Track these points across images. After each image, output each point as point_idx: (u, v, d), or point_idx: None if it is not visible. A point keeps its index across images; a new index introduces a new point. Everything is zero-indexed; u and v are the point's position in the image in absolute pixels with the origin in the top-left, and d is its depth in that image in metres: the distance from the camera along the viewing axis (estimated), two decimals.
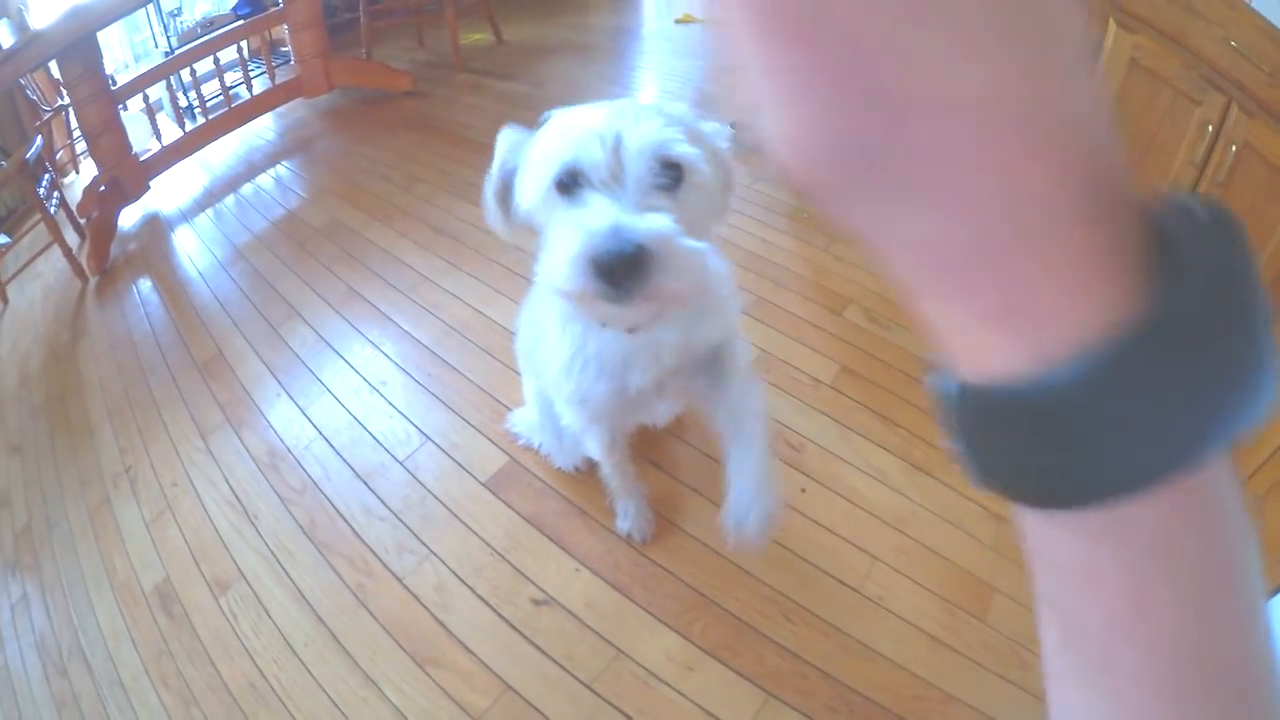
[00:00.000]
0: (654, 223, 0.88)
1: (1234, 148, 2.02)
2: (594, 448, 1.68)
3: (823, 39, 0.20)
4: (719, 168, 1.06)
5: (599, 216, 0.89)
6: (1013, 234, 0.21)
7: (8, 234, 4.22)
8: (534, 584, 1.87)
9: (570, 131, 0.98)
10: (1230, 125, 2.03)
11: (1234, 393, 0.21)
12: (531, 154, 1.06)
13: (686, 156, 0.95)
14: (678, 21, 5.90)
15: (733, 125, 1.09)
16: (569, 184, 0.96)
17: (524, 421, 2.18)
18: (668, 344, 1.27)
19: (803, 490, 2.06)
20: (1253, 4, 1.93)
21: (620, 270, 0.86)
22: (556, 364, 1.35)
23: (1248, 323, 0.21)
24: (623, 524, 1.93)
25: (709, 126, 1.08)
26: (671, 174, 0.96)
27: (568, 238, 0.90)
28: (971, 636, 1.76)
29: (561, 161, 0.96)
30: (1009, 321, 0.22)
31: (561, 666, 1.71)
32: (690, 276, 0.90)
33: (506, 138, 1.15)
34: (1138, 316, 0.20)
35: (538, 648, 1.75)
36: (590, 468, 1.98)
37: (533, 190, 1.03)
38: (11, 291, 3.62)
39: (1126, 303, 0.21)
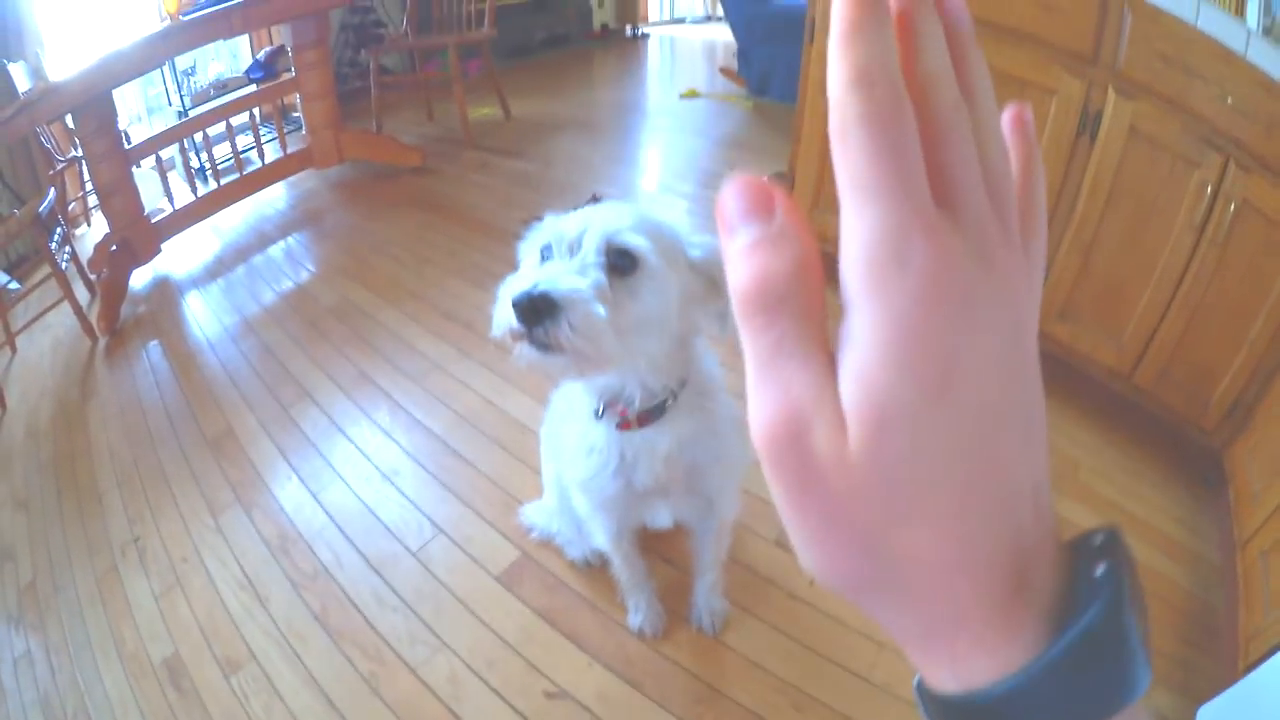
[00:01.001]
0: (569, 282, 1.01)
1: (1232, 206, 2.06)
2: (601, 537, 1.74)
3: (823, 520, 0.29)
4: (681, 271, 1.17)
5: (535, 272, 1.05)
6: (951, 622, 0.30)
7: (19, 280, 4.26)
8: (546, 677, 1.90)
9: (562, 218, 1.15)
10: (1228, 183, 2.06)
11: (1109, 694, 0.29)
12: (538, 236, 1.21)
13: (635, 246, 1.09)
14: (682, 96, 6.00)
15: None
16: (546, 256, 1.13)
17: (539, 513, 2.22)
18: (662, 448, 1.39)
19: (811, 583, 2.09)
20: (1248, 56, 1.98)
21: (529, 313, 0.99)
22: (571, 447, 1.50)
23: (1125, 648, 0.29)
24: (634, 619, 1.97)
25: (698, 238, 1.21)
26: (625, 260, 1.09)
27: (504, 292, 1.05)
28: None
29: (545, 237, 1.14)
30: (949, 665, 0.31)
31: None
32: (590, 333, 1.02)
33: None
34: (1031, 658, 0.29)
35: None
36: (602, 562, 2.02)
37: (525, 265, 1.19)
38: (21, 342, 3.64)
39: (1028, 648, 0.29)
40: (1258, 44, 1.97)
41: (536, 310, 0.99)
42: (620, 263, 1.09)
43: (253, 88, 5.31)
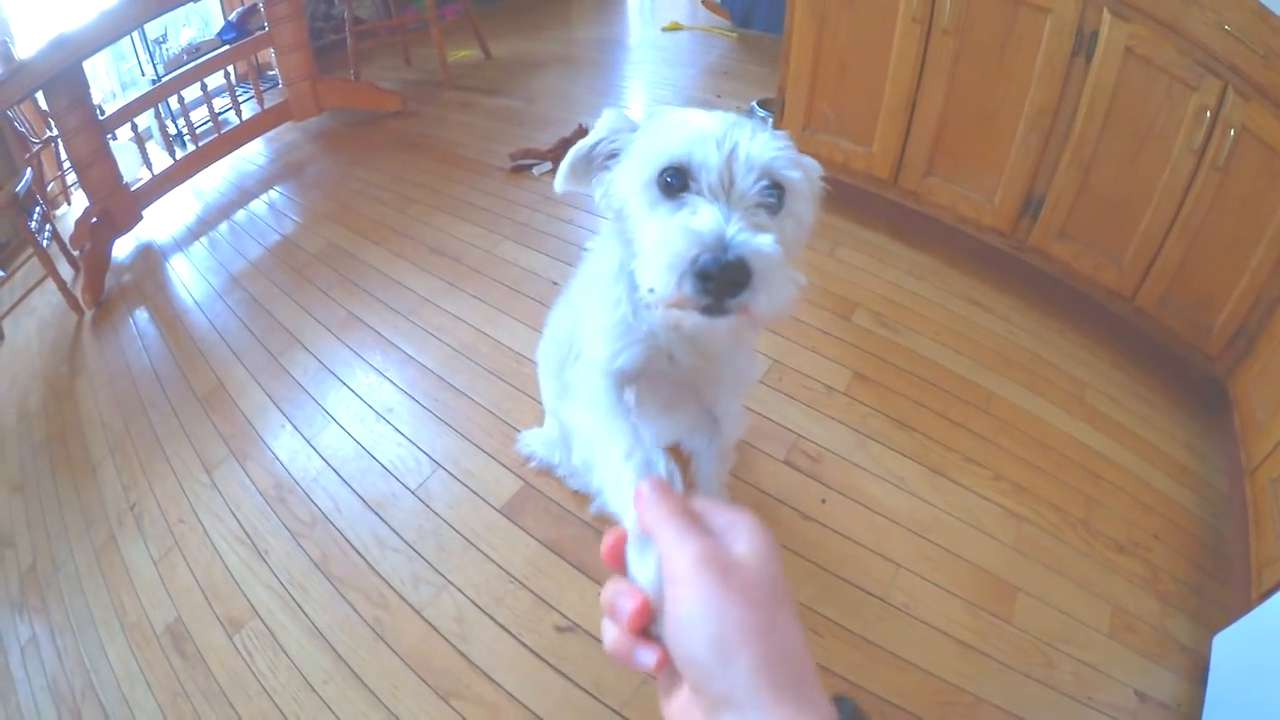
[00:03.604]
0: (762, 240, 0.83)
1: (1232, 132, 2.03)
2: (595, 398, 1.26)
3: None
4: (812, 200, 1.04)
5: (707, 222, 0.85)
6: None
7: (1, 268, 4.19)
8: (556, 610, 1.84)
9: (686, 128, 0.94)
10: (1227, 109, 2.03)
11: None
12: (639, 142, 1.02)
13: (794, 180, 0.94)
14: (664, 29, 5.91)
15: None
16: (674, 183, 0.92)
17: (538, 440, 2.15)
18: (718, 333, 1.20)
19: (823, 501, 2.05)
20: None
21: (722, 281, 0.81)
22: (599, 328, 1.27)
23: None
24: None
25: (806, 159, 1.04)
26: (776, 194, 0.93)
27: (671, 239, 0.85)
28: (997, 638, 1.76)
29: (673, 155, 0.92)
30: None
31: (589, 694, 1.68)
32: (783, 301, 0.86)
33: (610, 117, 1.08)
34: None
35: (564, 675, 1.71)
36: None
37: (634, 179, 0.98)
38: (7, 326, 3.58)
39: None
40: None
41: (737, 282, 0.82)
42: (769, 198, 0.92)
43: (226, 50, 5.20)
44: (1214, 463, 2.27)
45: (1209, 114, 2.06)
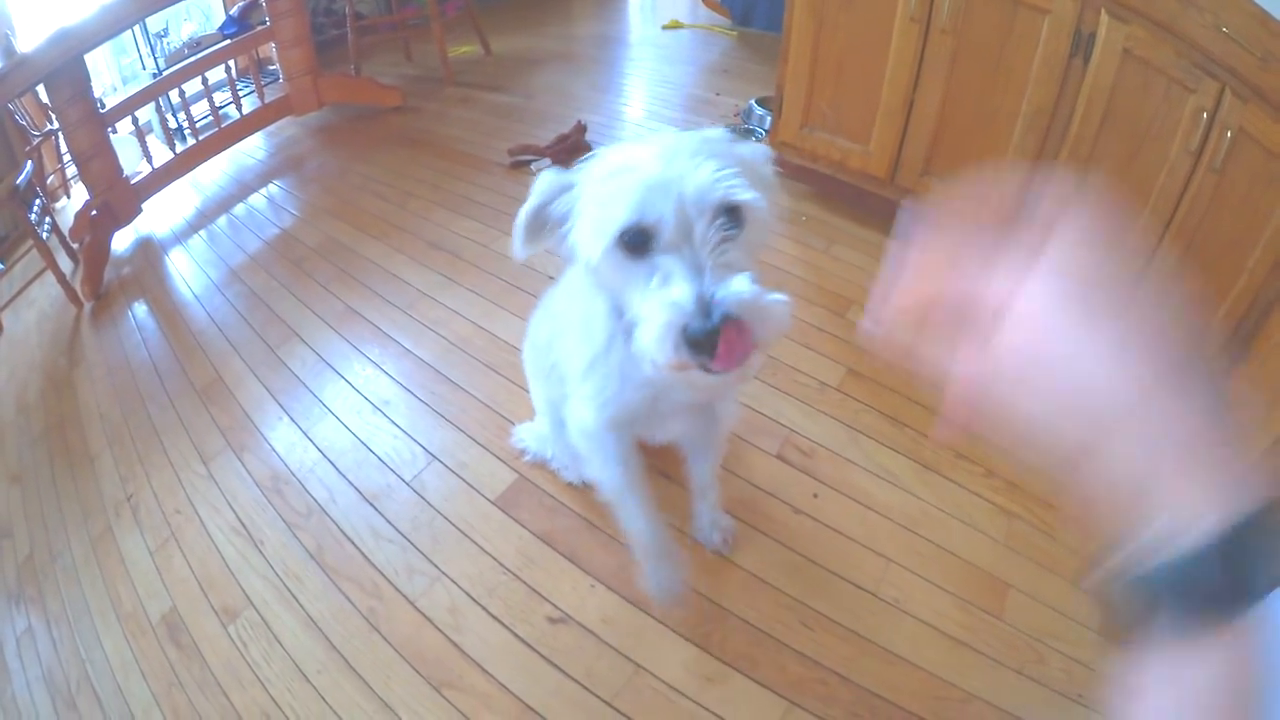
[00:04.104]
0: (739, 288, 0.86)
1: (1229, 133, 2.03)
2: (599, 462, 1.50)
3: None
4: (767, 194, 1.02)
5: (682, 289, 0.87)
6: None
7: (1, 260, 4.19)
8: (549, 602, 1.85)
9: (627, 188, 0.93)
10: (1224, 111, 2.03)
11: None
12: (584, 200, 1.03)
13: (748, 202, 0.94)
14: (664, 27, 5.91)
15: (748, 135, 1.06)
16: (635, 243, 0.94)
17: (531, 435, 2.16)
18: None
19: (814, 495, 2.06)
20: None
21: (714, 342, 0.84)
22: (579, 364, 1.34)
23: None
24: (652, 584, 1.69)
25: (748, 149, 1.05)
26: (734, 218, 0.94)
27: (656, 315, 0.88)
28: (988, 634, 1.76)
29: (624, 222, 0.93)
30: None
31: (581, 684, 1.68)
32: (776, 330, 0.88)
33: (546, 180, 1.08)
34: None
35: (556, 666, 1.72)
36: None
37: (594, 244, 0.98)
38: (6, 318, 3.57)
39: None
40: None
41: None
42: (729, 230, 0.93)
43: (228, 44, 5.20)
44: None
45: (1206, 116, 2.06)
